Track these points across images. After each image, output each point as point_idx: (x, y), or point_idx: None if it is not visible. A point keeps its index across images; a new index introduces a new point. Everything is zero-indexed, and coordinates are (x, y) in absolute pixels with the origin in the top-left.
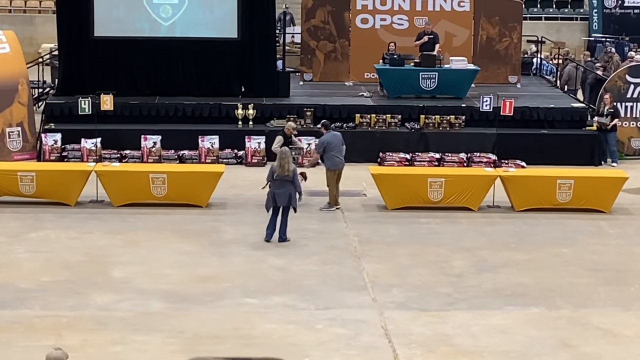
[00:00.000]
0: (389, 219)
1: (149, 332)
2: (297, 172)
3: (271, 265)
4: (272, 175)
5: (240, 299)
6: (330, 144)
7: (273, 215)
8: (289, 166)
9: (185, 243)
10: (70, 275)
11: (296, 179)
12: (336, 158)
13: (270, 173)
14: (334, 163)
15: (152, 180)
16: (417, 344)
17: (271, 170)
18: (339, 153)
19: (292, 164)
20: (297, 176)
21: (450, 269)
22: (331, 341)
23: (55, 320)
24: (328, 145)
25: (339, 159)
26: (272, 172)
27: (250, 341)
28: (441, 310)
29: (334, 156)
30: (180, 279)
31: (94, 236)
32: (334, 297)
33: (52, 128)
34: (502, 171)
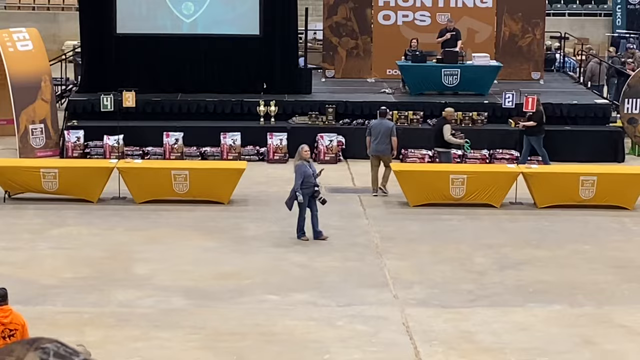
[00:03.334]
0: (411, 216)
1: (170, 328)
2: (298, 169)
3: (292, 262)
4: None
5: (262, 296)
6: (373, 129)
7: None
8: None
9: (207, 240)
10: (92, 271)
11: (295, 176)
12: (374, 144)
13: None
14: (372, 148)
15: (174, 177)
16: (438, 341)
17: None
18: (379, 140)
19: (296, 159)
20: (296, 174)
21: (471, 265)
22: (352, 338)
23: (77, 317)
24: (371, 130)
25: (375, 145)
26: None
27: (271, 338)
28: (463, 307)
29: (373, 141)
30: (201, 276)
31: (116, 232)
32: (355, 294)
33: (75, 125)
34: (525, 168)
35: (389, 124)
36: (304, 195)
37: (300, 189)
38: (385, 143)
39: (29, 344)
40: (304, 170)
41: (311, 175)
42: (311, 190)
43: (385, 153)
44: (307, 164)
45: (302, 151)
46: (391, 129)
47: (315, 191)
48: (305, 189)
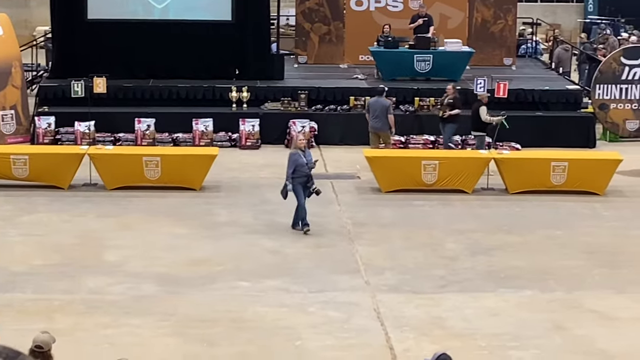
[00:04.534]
0: (383, 202)
1: (140, 315)
2: (291, 158)
3: (264, 248)
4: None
5: (233, 282)
6: (371, 107)
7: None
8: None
9: (179, 226)
10: (63, 258)
11: (287, 165)
12: (371, 121)
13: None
14: (370, 125)
15: (145, 163)
16: (409, 327)
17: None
18: (376, 117)
19: (291, 148)
20: (288, 162)
21: (443, 251)
22: (324, 324)
23: (47, 304)
24: (369, 108)
25: (373, 122)
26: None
27: (243, 324)
28: (434, 293)
29: (370, 118)
30: (173, 262)
31: (87, 219)
32: (327, 280)
33: (46, 111)
34: (497, 153)
35: (385, 102)
36: (297, 185)
37: (292, 179)
38: (381, 121)
39: None
40: (295, 159)
41: (304, 164)
42: (304, 180)
43: (382, 130)
44: (302, 153)
45: (297, 140)
46: (387, 107)
47: (308, 181)
48: (298, 178)
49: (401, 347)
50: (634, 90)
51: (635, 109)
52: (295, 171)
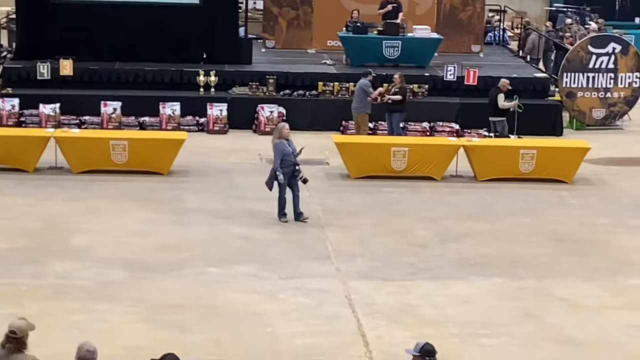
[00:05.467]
0: (353, 188)
1: (109, 301)
2: (277, 147)
3: (234, 233)
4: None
5: (203, 268)
6: (356, 89)
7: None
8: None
9: (146, 211)
10: (29, 242)
11: (274, 155)
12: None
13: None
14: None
15: (112, 147)
16: (381, 314)
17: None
18: (354, 99)
19: (275, 137)
20: (275, 152)
21: (413, 238)
22: (294, 311)
23: (14, 289)
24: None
25: (352, 104)
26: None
27: (213, 310)
28: (405, 280)
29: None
30: (141, 248)
31: (53, 203)
32: (297, 267)
33: (10, 93)
34: (466, 141)
35: (360, 83)
36: (284, 174)
37: (280, 169)
38: (357, 101)
39: None
40: (282, 149)
41: (290, 153)
42: (291, 170)
43: (357, 111)
44: (287, 142)
45: (283, 129)
46: (362, 88)
47: (296, 170)
48: (285, 167)
49: (373, 334)
50: (601, 79)
51: (601, 97)
52: (282, 161)
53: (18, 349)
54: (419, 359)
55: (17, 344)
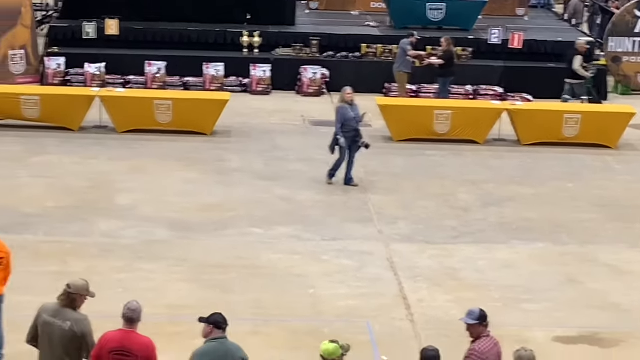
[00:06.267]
0: (395, 151)
1: (153, 260)
2: (338, 112)
3: (277, 195)
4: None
5: (245, 229)
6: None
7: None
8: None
9: (190, 171)
10: (74, 201)
11: (336, 119)
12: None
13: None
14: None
15: (156, 107)
16: (422, 277)
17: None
18: (396, 58)
19: (339, 101)
20: (337, 116)
21: (455, 202)
22: (337, 273)
23: (60, 247)
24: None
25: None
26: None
27: (255, 271)
28: (447, 244)
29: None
30: (185, 207)
31: (98, 162)
32: (340, 229)
33: (56, 52)
34: (509, 104)
35: (401, 42)
36: (345, 139)
37: (341, 133)
38: (397, 61)
39: None
40: (343, 113)
41: (352, 119)
42: (352, 135)
43: (395, 69)
44: (349, 107)
45: (344, 93)
46: (402, 47)
47: (357, 135)
48: (346, 132)
49: (415, 298)
50: None
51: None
52: (343, 125)
53: (68, 304)
54: (477, 326)
55: (68, 300)
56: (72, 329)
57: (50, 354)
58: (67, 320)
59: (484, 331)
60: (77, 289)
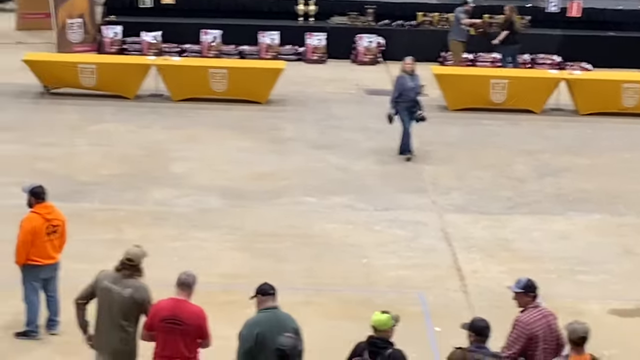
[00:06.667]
0: (450, 120)
1: (207, 228)
2: (396, 81)
3: (331, 164)
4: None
5: (299, 198)
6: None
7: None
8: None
9: (245, 139)
10: (129, 169)
11: (393, 89)
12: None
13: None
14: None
15: (211, 76)
16: (476, 247)
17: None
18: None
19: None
20: (394, 86)
21: (511, 172)
22: (390, 243)
23: (114, 214)
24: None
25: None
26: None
27: (309, 240)
28: (501, 214)
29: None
30: (238, 176)
31: (152, 130)
32: (393, 199)
33: (113, 20)
34: (567, 74)
35: (456, 10)
36: (402, 109)
37: (397, 103)
38: (452, 30)
39: None
40: (401, 83)
41: (411, 89)
42: (409, 105)
43: (449, 38)
44: (409, 77)
45: (404, 63)
46: (456, 15)
47: (414, 106)
48: (403, 103)
49: (468, 268)
50: None
51: None
52: (400, 95)
53: (132, 274)
54: (522, 296)
55: (133, 270)
56: (132, 296)
57: (108, 320)
58: (127, 287)
59: (531, 302)
60: (138, 257)
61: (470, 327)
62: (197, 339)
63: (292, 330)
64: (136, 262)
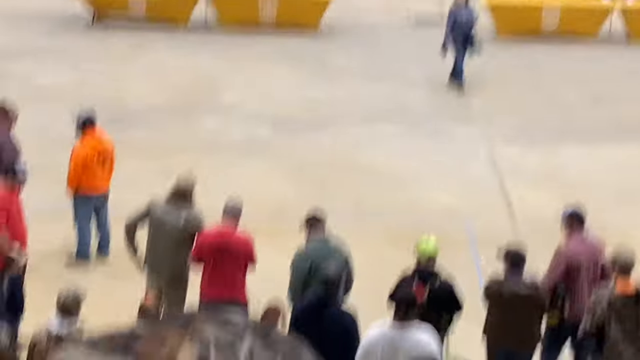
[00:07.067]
0: (502, 49)
1: (256, 157)
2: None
3: (380, 93)
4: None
5: (348, 127)
6: None
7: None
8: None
9: (294, 69)
10: (179, 98)
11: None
12: None
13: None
14: None
15: (261, 3)
16: (525, 176)
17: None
18: None
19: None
20: (448, 19)
21: (562, 100)
22: (438, 171)
23: (164, 142)
24: None
25: None
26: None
27: (357, 169)
28: (551, 143)
29: None
30: (287, 105)
31: (203, 59)
32: (441, 127)
33: None
34: (620, 3)
35: None
36: (455, 41)
37: (450, 35)
38: None
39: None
40: (455, 15)
41: (465, 22)
42: (462, 38)
43: None
44: (463, 10)
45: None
46: None
47: (467, 39)
48: (456, 35)
49: (515, 196)
50: None
51: None
52: (454, 28)
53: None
54: (569, 224)
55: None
56: (184, 223)
57: (161, 247)
58: (179, 215)
59: (578, 230)
60: (186, 184)
61: (505, 256)
62: (245, 265)
63: (342, 259)
64: (187, 191)
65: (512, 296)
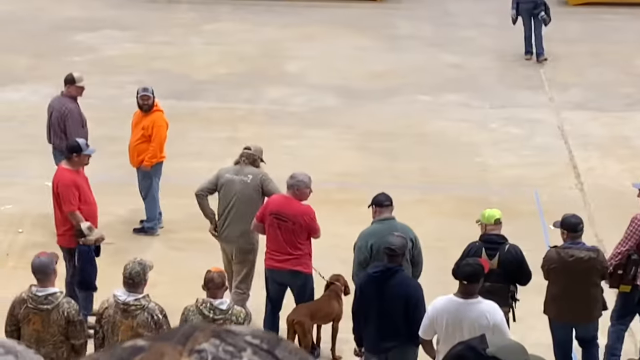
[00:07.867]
0: (570, 15)
1: (321, 127)
2: None
3: (446, 62)
4: None
5: (414, 96)
6: None
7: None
8: None
9: (359, 37)
10: (245, 68)
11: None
12: None
13: None
14: None
15: None
16: (594, 145)
17: None
18: None
19: None
20: None
21: (632, 68)
22: (505, 141)
23: (230, 113)
24: None
25: None
26: None
27: (423, 139)
28: (621, 111)
29: None
30: (353, 74)
31: (268, 29)
32: (509, 96)
33: None
34: None
35: None
36: (523, 10)
37: (519, 3)
38: None
39: (182, 343)
40: None
41: None
42: (530, 7)
43: None
44: None
45: None
46: None
47: (536, 7)
48: (523, 4)
49: (585, 166)
50: None
51: None
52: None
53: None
54: None
55: (248, 159)
56: (253, 181)
57: (233, 212)
58: (248, 174)
59: None
60: (256, 149)
61: (562, 224)
62: (304, 236)
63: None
64: (255, 156)
65: (572, 260)
